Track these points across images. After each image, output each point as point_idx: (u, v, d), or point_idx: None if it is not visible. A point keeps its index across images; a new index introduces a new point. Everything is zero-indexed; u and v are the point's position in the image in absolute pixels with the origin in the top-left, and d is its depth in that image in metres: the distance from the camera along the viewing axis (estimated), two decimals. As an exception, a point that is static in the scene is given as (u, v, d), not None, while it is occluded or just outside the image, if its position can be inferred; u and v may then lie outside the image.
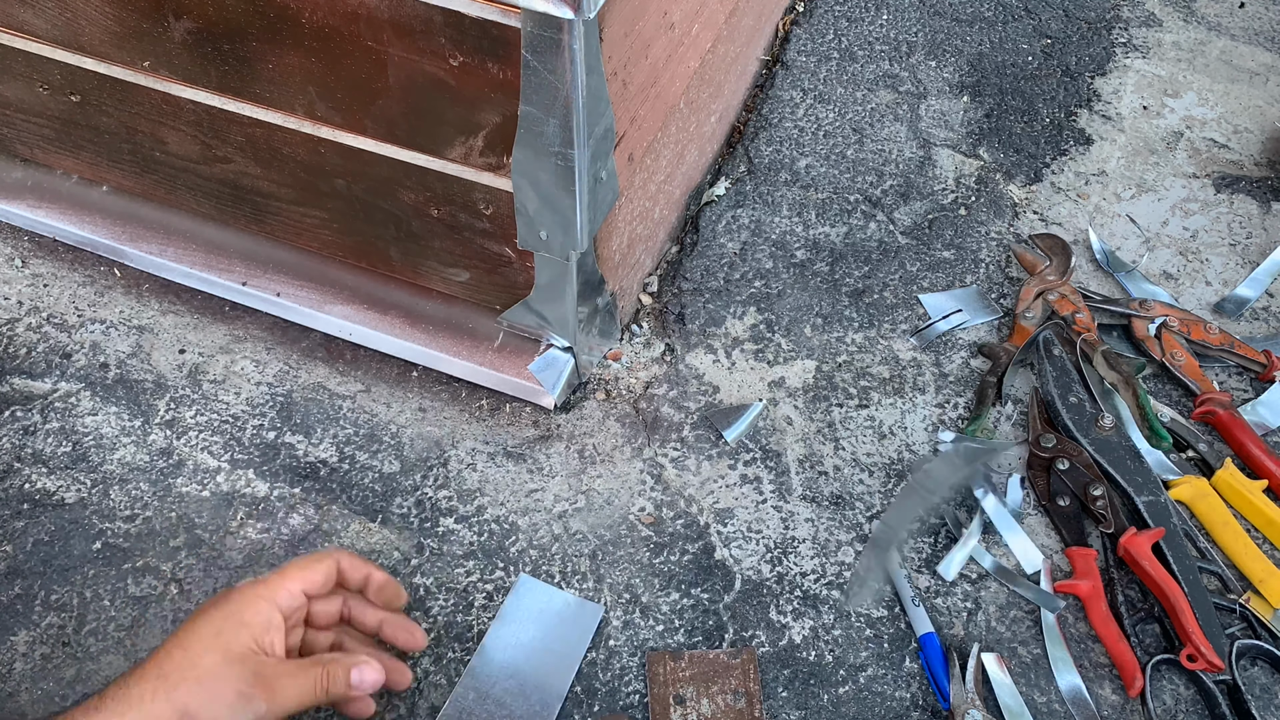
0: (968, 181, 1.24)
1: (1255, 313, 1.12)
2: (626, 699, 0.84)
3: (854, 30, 1.41)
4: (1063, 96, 1.34)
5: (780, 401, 1.03)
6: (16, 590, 0.88)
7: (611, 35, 0.76)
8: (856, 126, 1.29)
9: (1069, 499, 0.95)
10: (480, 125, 0.81)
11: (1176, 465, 0.98)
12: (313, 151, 0.91)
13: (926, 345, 1.08)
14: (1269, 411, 1.02)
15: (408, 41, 0.77)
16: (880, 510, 0.96)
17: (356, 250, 1.03)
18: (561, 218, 0.83)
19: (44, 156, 1.12)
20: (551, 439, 1.00)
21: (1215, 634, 0.85)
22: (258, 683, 0.68)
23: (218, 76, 0.89)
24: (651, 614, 0.89)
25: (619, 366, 1.06)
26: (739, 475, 0.98)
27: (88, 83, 0.96)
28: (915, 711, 0.85)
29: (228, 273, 1.07)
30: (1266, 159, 1.27)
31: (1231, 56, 1.40)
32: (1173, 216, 1.21)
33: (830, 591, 0.91)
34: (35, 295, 1.09)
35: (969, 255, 1.16)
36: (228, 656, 0.68)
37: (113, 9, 0.88)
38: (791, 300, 1.11)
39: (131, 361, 1.04)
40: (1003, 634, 0.88)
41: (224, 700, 0.67)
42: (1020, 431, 1.02)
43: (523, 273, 0.94)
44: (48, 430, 0.99)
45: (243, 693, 0.68)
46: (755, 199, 1.20)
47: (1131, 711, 0.85)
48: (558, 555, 0.92)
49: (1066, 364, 1.03)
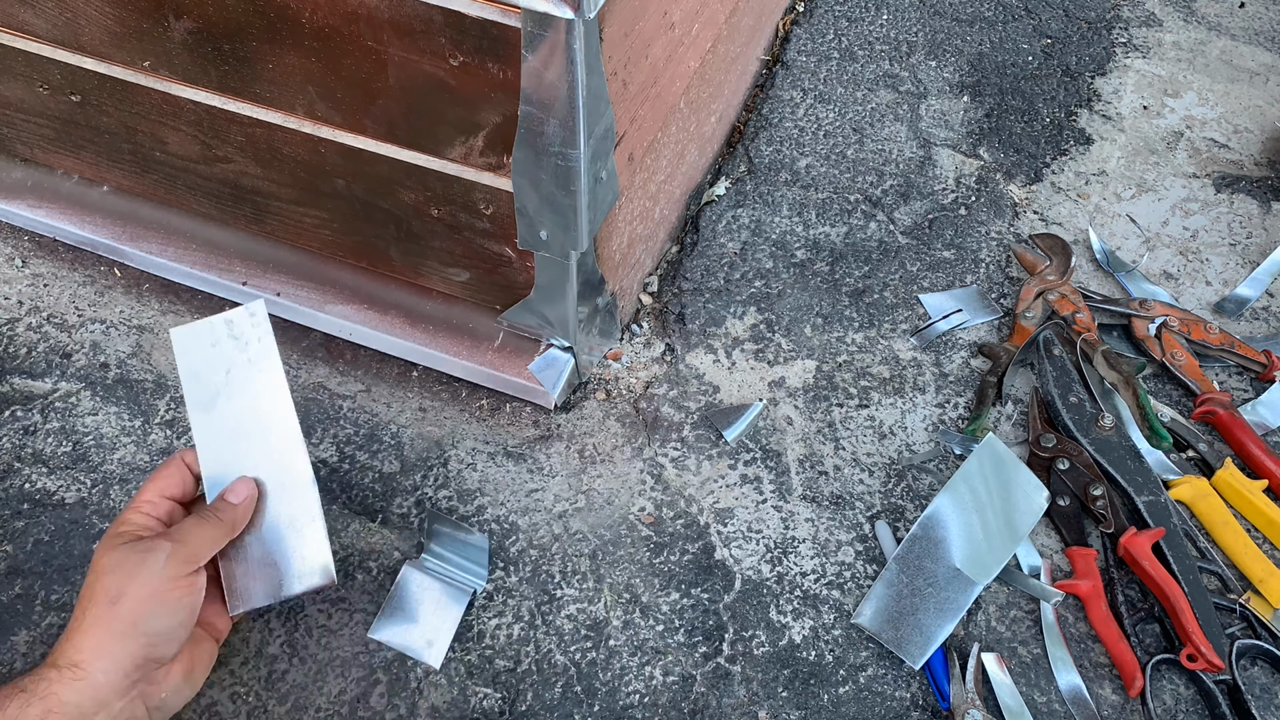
0: (968, 181, 1.24)
1: (1255, 313, 1.12)
2: (626, 699, 0.84)
3: (854, 30, 1.41)
4: (1063, 96, 1.34)
5: (780, 401, 1.03)
6: (16, 590, 0.88)
7: (612, 35, 0.76)
8: (857, 126, 1.29)
9: (1069, 499, 0.95)
10: (480, 125, 0.81)
11: (1176, 465, 0.98)
12: (313, 151, 0.91)
13: (927, 345, 1.08)
14: (1269, 411, 1.02)
15: (408, 41, 0.77)
16: (880, 510, 0.96)
17: (357, 250, 1.03)
18: (562, 217, 0.83)
19: (44, 156, 1.12)
20: (551, 439, 1.00)
21: (1215, 634, 0.85)
22: (154, 539, 0.73)
23: (218, 76, 0.89)
24: (651, 614, 0.89)
25: (619, 366, 1.06)
26: (739, 475, 0.98)
27: (88, 82, 0.96)
28: (915, 711, 0.85)
29: (228, 272, 1.07)
30: (1266, 159, 1.27)
31: (1232, 56, 1.40)
32: (1173, 216, 1.21)
33: (830, 591, 0.91)
34: (35, 295, 1.09)
35: (969, 255, 1.16)
36: (123, 550, 0.72)
37: (113, 9, 0.88)
38: (792, 300, 1.11)
39: (132, 361, 1.04)
40: (1002, 634, 0.88)
41: (135, 566, 0.71)
42: (1020, 431, 1.02)
43: (523, 273, 0.94)
44: (48, 430, 0.99)
45: (143, 551, 0.72)
46: (755, 199, 1.20)
47: (1131, 711, 0.85)
48: (558, 555, 0.92)
49: (1067, 364, 1.03)
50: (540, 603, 0.89)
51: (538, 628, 0.88)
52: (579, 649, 0.87)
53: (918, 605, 0.87)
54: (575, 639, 0.88)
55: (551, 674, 0.86)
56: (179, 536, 0.74)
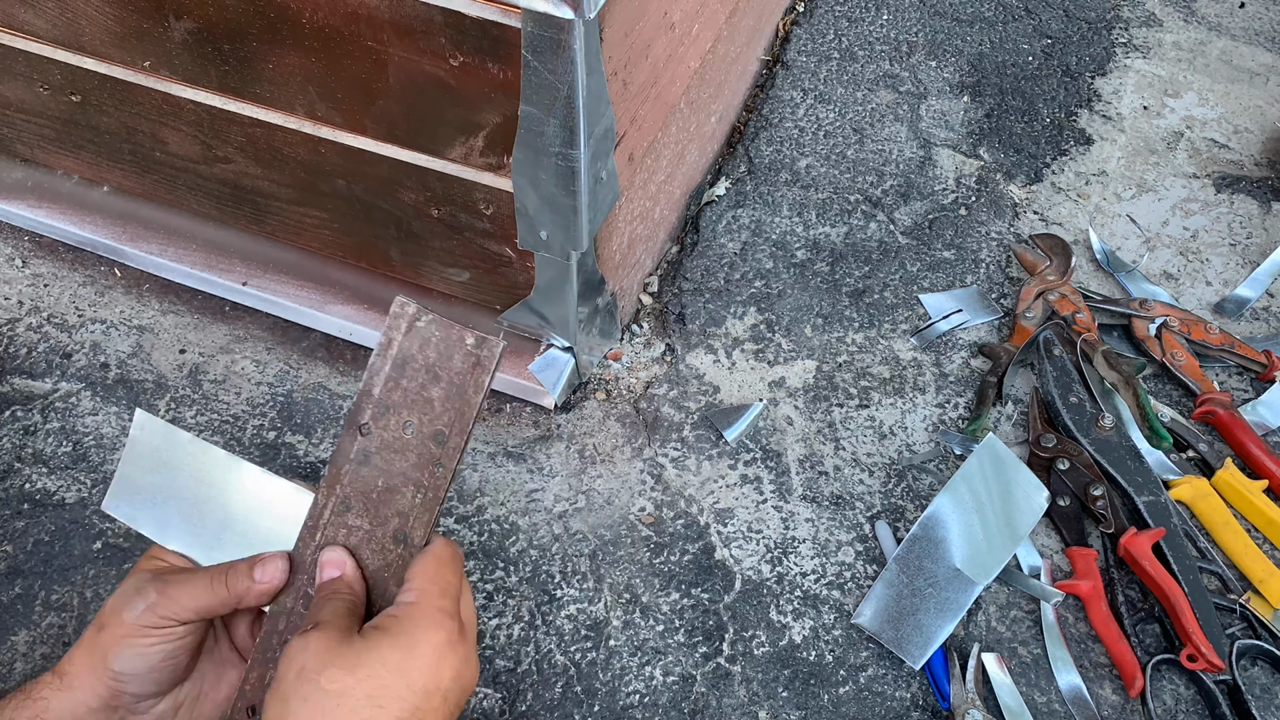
0: (968, 181, 1.24)
1: (1255, 313, 1.12)
2: (626, 699, 0.84)
3: (854, 30, 1.41)
4: (1063, 96, 1.34)
5: (780, 401, 1.03)
6: (16, 590, 0.88)
7: (612, 35, 0.76)
8: (857, 126, 1.29)
9: (1069, 499, 0.95)
10: (480, 125, 0.81)
11: (1177, 465, 0.98)
12: (313, 151, 0.91)
13: (927, 345, 1.08)
14: (1269, 411, 1.02)
15: (408, 41, 0.77)
16: (880, 510, 0.96)
17: (357, 250, 1.03)
18: (562, 218, 0.83)
19: (44, 156, 1.12)
20: (552, 439, 1.00)
21: (1215, 634, 0.85)
22: (153, 580, 0.67)
23: (218, 76, 0.89)
24: (651, 614, 0.89)
25: (619, 366, 1.06)
26: (739, 475, 0.98)
27: (88, 83, 0.96)
28: (915, 711, 0.85)
29: (228, 273, 1.07)
30: (1267, 159, 1.27)
31: (1232, 56, 1.40)
32: (1173, 216, 1.21)
33: (830, 592, 0.91)
34: (36, 295, 1.09)
35: (969, 255, 1.16)
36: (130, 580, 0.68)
37: (113, 9, 0.88)
38: (792, 300, 1.11)
39: (132, 361, 1.04)
40: (1003, 634, 0.88)
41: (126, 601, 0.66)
42: (1020, 431, 1.02)
43: (523, 273, 0.94)
44: (48, 430, 0.99)
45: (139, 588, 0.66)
46: (755, 199, 1.20)
47: (1131, 711, 0.85)
48: (558, 555, 0.92)
49: (1067, 364, 1.03)
50: (540, 603, 0.89)
51: (537, 628, 0.88)
52: (579, 649, 0.87)
53: (918, 605, 0.87)
54: (575, 639, 0.88)
55: (551, 674, 0.86)
56: (169, 589, 0.67)
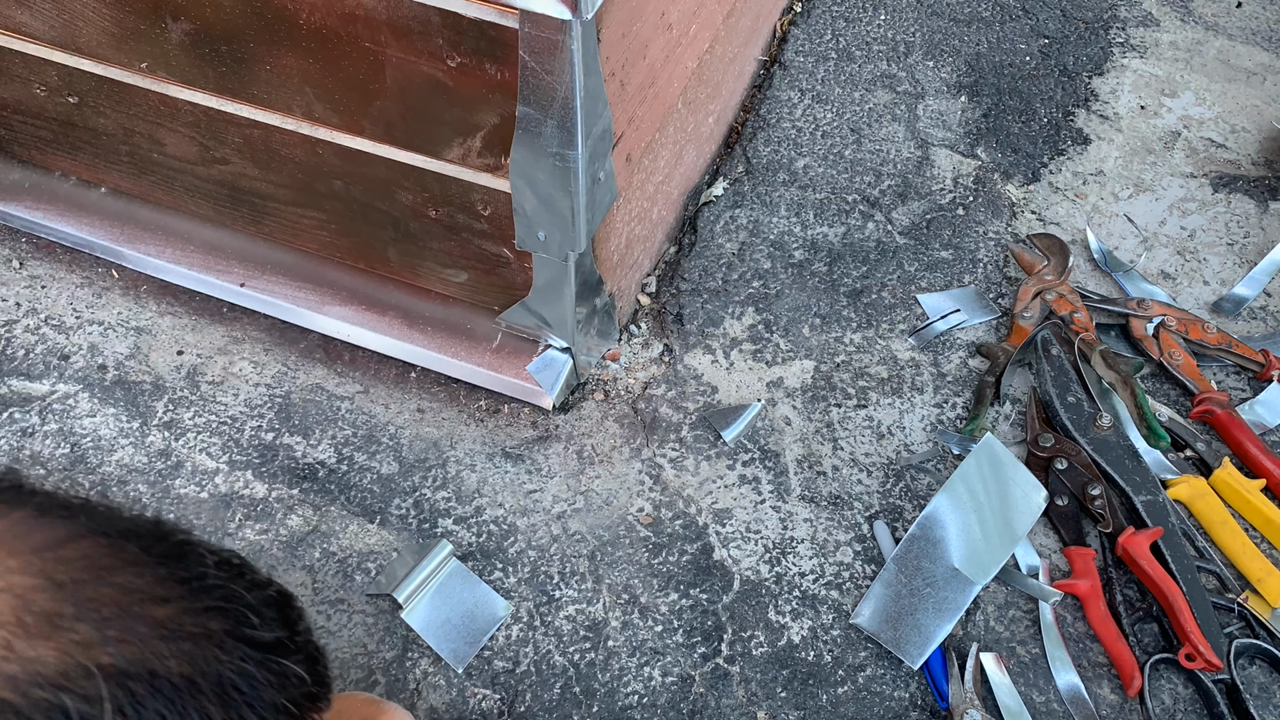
0: (965, 181, 1.24)
1: (1253, 312, 1.13)
2: (625, 699, 0.84)
3: (852, 31, 1.41)
4: (1060, 96, 1.34)
5: (779, 402, 1.03)
6: (15, 592, 0.88)
7: (609, 36, 0.76)
8: (854, 127, 1.29)
9: (1067, 498, 0.95)
10: (478, 126, 0.81)
11: (1175, 464, 0.98)
12: (310, 152, 0.91)
13: (925, 345, 1.08)
14: (1267, 410, 1.02)
15: (405, 42, 0.77)
16: (879, 510, 0.96)
17: (354, 251, 1.03)
18: (560, 218, 0.83)
19: (42, 158, 1.12)
20: (550, 440, 1.00)
21: (1213, 633, 0.85)
22: None
23: (215, 78, 0.89)
24: (650, 614, 0.89)
25: (617, 367, 1.06)
26: (737, 475, 0.98)
27: (85, 84, 0.96)
28: (914, 711, 0.85)
29: (226, 274, 1.07)
30: (1264, 158, 1.27)
31: (1229, 56, 1.40)
32: (1170, 216, 1.21)
33: (829, 592, 0.91)
34: (33, 297, 1.09)
35: (967, 255, 1.16)
36: None
37: (110, 10, 0.88)
38: (790, 300, 1.11)
39: (130, 363, 1.04)
40: (1001, 634, 0.88)
41: None
42: (1018, 431, 1.02)
43: (521, 273, 0.94)
44: (46, 432, 0.99)
45: None
46: (753, 199, 1.20)
47: (1130, 711, 0.85)
48: (556, 556, 0.92)
49: (1064, 364, 1.03)
50: (539, 604, 0.89)
51: (536, 629, 0.88)
52: (578, 650, 0.87)
53: (916, 605, 0.87)
54: (574, 640, 0.88)
55: (550, 675, 0.86)
56: None
